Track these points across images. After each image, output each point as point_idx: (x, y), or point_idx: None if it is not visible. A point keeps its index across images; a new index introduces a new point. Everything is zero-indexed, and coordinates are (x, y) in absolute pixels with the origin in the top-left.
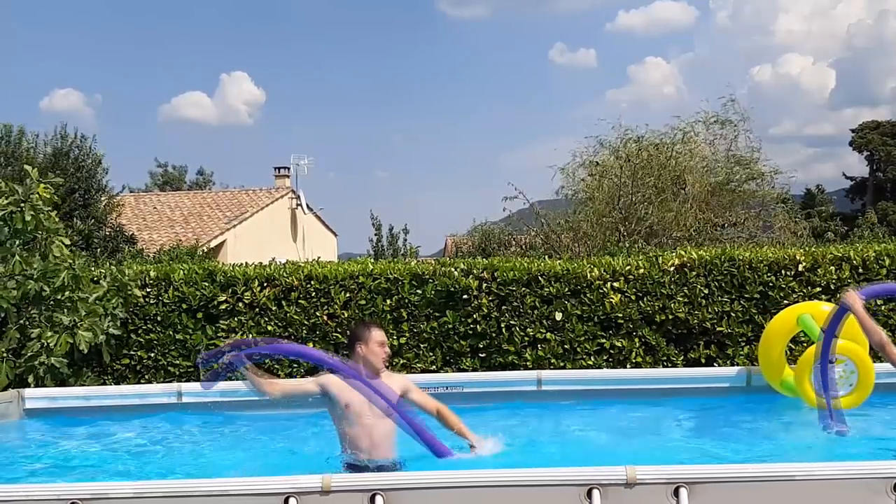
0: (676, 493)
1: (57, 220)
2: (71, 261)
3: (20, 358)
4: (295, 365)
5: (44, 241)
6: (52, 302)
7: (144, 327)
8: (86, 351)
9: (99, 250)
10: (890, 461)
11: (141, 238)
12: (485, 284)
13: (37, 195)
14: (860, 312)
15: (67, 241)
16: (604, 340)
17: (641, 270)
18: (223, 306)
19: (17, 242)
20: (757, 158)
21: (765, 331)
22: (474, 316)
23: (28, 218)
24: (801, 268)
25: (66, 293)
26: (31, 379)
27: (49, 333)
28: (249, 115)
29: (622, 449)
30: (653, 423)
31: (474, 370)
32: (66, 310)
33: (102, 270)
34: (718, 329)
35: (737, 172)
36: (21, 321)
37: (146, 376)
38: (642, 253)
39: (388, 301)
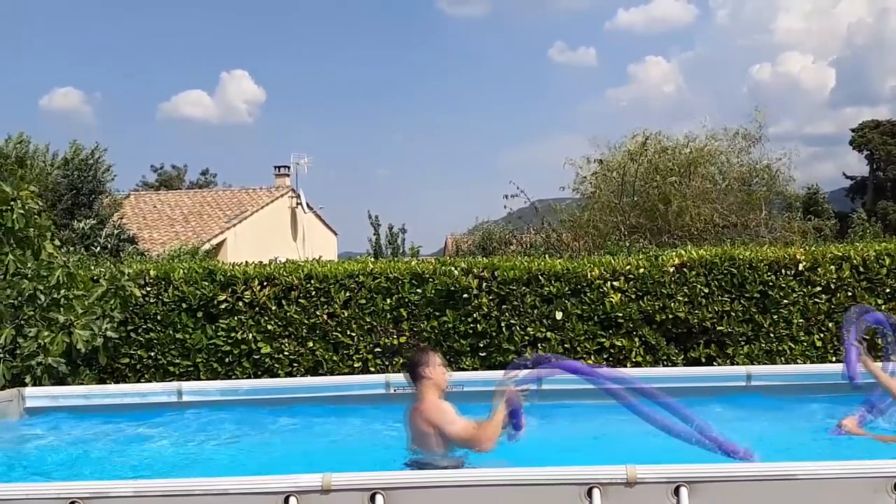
0: (677, 492)
1: (49, 221)
2: (65, 259)
3: (16, 359)
4: (296, 364)
5: (36, 239)
6: (48, 302)
7: (144, 326)
8: (84, 351)
9: (100, 250)
10: (890, 460)
11: (141, 237)
12: (485, 283)
13: (27, 194)
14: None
15: (57, 242)
16: (604, 340)
17: (641, 270)
18: (223, 305)
19: (10, 241)
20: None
21: None
22: (474, 315)
23: (16, 215)
24: (801, 267)
25: (62, 291)
26: (28, 379)
27: (45, 333)
28: (249, 113)
29: (622, 448)
30: None
31: (474, 369)
32: (61, 308)
33: (102, 269)
34: (718, 328)
35: (753, 177)
36: (18, 321)
37: (146, 375)
38: (642, 252)
39: (388, 300)
